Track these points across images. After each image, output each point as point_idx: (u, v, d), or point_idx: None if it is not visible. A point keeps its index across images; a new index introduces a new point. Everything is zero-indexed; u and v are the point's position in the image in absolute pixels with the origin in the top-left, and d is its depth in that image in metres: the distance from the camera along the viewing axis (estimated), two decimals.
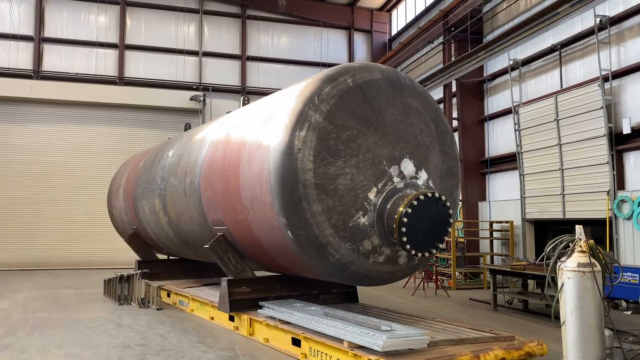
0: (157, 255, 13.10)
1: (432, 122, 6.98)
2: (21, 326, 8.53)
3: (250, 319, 7.63)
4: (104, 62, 20.83)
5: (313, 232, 6.14)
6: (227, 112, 10.74)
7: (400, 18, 22.94)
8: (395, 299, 11.78)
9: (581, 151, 12.10)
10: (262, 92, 20.56)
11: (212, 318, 8.90)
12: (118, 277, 10.91)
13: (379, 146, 6.39)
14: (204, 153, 8.48)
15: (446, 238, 6.44)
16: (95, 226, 19.05)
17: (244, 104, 9.46)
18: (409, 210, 6.00)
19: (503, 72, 15.48)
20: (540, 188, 13.46)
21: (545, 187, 13.29)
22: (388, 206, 6.30)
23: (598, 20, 11.62)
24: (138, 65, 21.25)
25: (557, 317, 5.67)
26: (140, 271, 10.58)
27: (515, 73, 14.62)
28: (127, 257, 17.71)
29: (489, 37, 15.81)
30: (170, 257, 13.41)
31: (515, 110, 14.17)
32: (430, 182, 6.77)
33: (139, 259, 12.72)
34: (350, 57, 23.30)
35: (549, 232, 15.03)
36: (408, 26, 21.59)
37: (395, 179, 6.44)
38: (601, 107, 11.39)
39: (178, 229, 9.80)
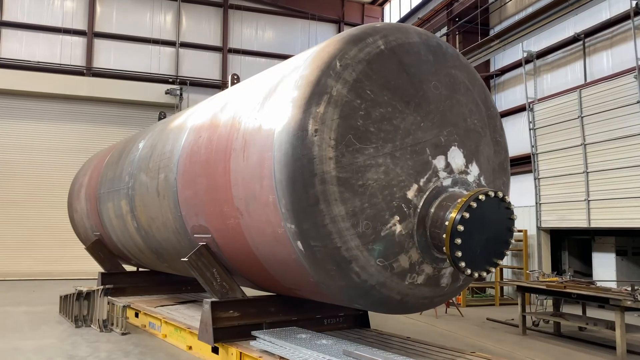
0: (124, 266, 11.25)
1: (482, 102, 5.43)
2: None
3: (241, 353, 5.93)
4: (70, 51, 18.86)
5: (333, 243, 4.50)
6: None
7: (394, 12, 21.53)
8: (403, 319, 10.17)
9: (611, 152, 10.73)
10: None
11: (190, 347, 7.16)
12: (76, 293, 9.07)
13: (420, 129, 4.80)
14: (183, 142, 6.77)
15: (507, 252, 4.88)
16: (57, 232, 17.09)
17: (232, 84, 7.77)
18: (467, 215, 4.42)
19: (513, 66, 14.15)
20: (559, 193, 12.08)
21: (565, 192, 11.90)
22: (432, 210, 4.71)
23: (634, 3, 10.28)
24: (108, 55, 19.33)
25: None
26: (102, 287, 8.76)
27: (529, 66, 13.26)
28: (93, 267, 15.75)
29: (497, 29, 14.45)
30: (140, 269, 11.59)
31: (529, 107, 12.79)
32: (482, 178, 5.20)
33: (102, 270, 10.87)
34: None
35: (564, 242, 13.70)
36: (403, 20, 20.16)
37: (442, 174, 4.86)
38: (637, 102, 10.04)
39: (149, 237, 8.04)
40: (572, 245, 13.49)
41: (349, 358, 4.82)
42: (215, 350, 6.43)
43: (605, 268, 11.89)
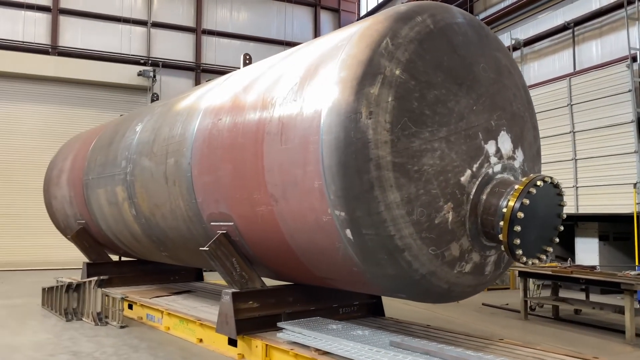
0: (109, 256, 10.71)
1: (522, 87, 5.34)
2: None
3: (267, 345, 5.69)
4: (34, 28, 17.77)
5: (387, 231, 4.31)
6: (208, 81, 8.61)
7: None
8: (403, 305, 10.08)
9: (601, 139, 10.96)
10: (220, 71, 18.38)
11: (201, 340, 6.85)
12: (65, 285, 8.55)
13: (473, 113, 4.64)
14: (197, 125, 6.39)
15: (556, 239, 4.81)
16: (22, 219, 16.22)
17: (245, 65, 7.39)
18: (527, 202, 4.31)
19: None
20: None
21: None
22: (483, 197, 4.58)
23: None
24: (75, 34, 18.34)
25: None
26: (97, 278, 8.27)
27: (515, 54, 13.36)
28: (61, 256, 15.15)
29: (482, 16, 14.49)
30: (123, 259, 11.06)
31: None
32: (525, 164, 5.11)
33: (85, 259, 10.27)
34: (317, 37, 21.45)
35: None
36: (381, 5, 19.99)
37: (492, 159, 4.73)
38: (629, 90, 10.26)
39: (151, 225, 7.61)
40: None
41: (397, 349, 4.66)
42: (232, 342, 6.17)
43: (587, 253, 12.21)
